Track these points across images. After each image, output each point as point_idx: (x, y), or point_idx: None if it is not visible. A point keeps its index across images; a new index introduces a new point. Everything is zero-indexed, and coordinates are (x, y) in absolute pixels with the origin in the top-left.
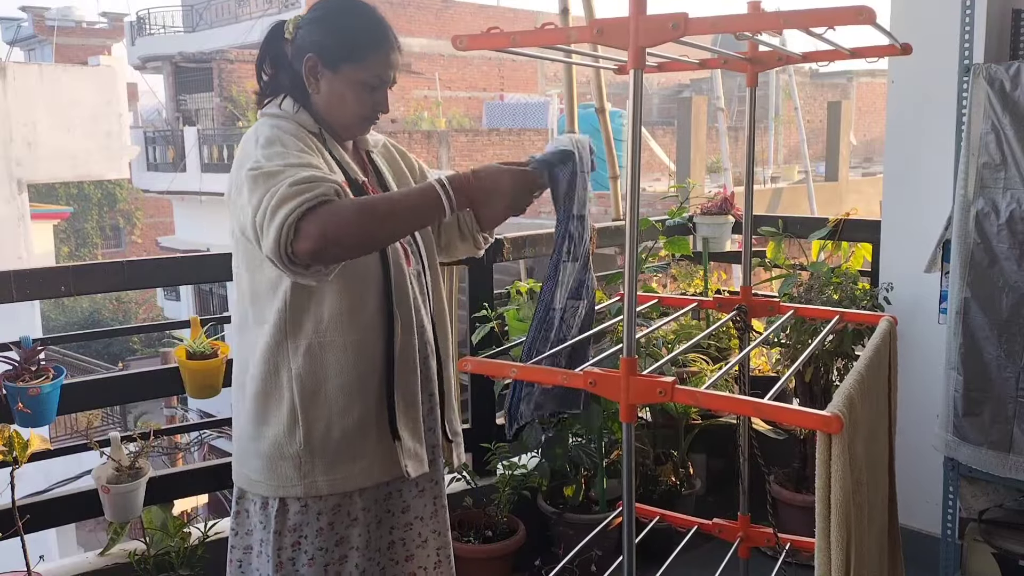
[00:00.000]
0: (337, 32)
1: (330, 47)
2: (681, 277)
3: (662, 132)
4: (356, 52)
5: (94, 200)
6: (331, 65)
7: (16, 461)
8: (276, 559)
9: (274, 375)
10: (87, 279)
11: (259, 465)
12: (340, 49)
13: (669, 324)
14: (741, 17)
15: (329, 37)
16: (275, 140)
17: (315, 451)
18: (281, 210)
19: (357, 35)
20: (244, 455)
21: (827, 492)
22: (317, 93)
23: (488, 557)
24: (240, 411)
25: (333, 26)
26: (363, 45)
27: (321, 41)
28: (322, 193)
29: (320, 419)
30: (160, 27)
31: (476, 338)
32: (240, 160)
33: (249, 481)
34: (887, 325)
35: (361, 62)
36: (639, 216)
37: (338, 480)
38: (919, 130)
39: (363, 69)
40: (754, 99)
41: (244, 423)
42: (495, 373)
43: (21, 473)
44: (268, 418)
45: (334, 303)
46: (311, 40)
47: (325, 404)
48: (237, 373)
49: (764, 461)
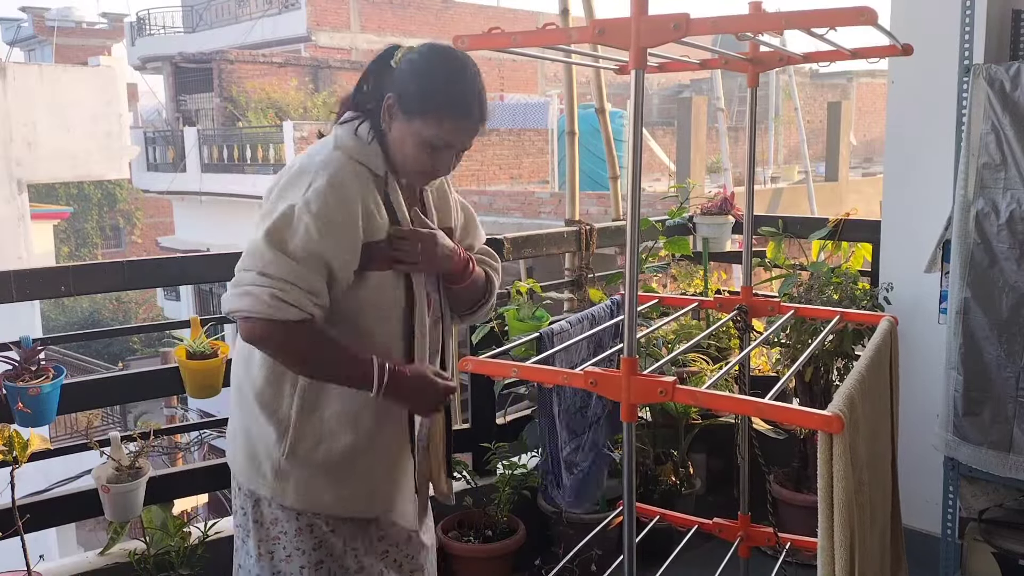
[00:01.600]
0: (423, 83)
1: (410, 94)
2: (681, 277)
3: (662, 132)
4: (430, 109)
5: (94, 200)
6: (405, 111)
7: (16, 461)
8: (257, 550)
9: (278, 382)
10: (87, 279)
11: (243, 457)
12: (417, 100)
13: (669, 324)
14: (743, 18)
15: (414, 84)
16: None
17: (294, 465)
18: (247, 300)
19: (439, 94)
20: (236, 447)
21: (829, 492)
22: (388, 132)
23: (488, 557)
24: (237, 406)
25: (423, 75)
26: (439, 105)
27: (406, 85)
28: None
29: (309, 437)
30: (160, 27)
31: (476, 338)
32: (291, 179)
33: (236, 470)
34: (888, 325)
35: (431, 120)
36: (640, 216)
37: (306, 499)
38: (919, 130)
39: (430, 127)
40: (755, 99)
41: (240, 417)
42: (495, 373)
43: (21, 473)
44: (261, 418)
45: (350, 329)
46: (400, 79)
47: (319, 425)
48: (238, 372)
49: (764, 461)
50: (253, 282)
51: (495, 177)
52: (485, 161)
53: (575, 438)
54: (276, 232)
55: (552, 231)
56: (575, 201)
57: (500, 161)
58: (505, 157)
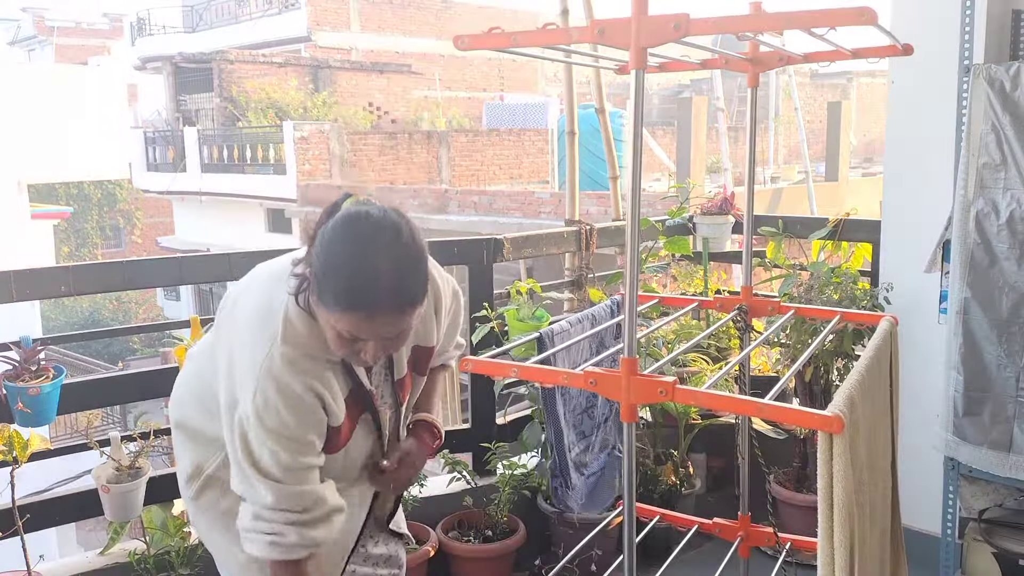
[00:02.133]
0: (325, 268)
1: (317, 279)
2: (681, 277)
3: (662, 132)
4: (329, 302)
5: (94, 200)
6: (317, 295)
7: (16, 461)
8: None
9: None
10: (87, 279)
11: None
12: (318, 289)
13: (669, 324)
14: (743, 18)
15: (319, 267)
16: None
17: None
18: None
19: (337, 284)
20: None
21: (829, 492)
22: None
23: (488, 557)
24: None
25: (326, 259)
26: (337, 299)
27: (316, 266)
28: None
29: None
30: (160, 28)
31: (476, 338)
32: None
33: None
34: (888, 325)
35: (334, 313)
36: (640, 216)
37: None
38: (919, 130)
39: (337, 320)
40: (755, 99)
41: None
42: (495, 373)
43: (21, 473)
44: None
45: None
46: (314, 257)
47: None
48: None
49: (764, 461)
50: (253, 528)
51: (495, 177)
52: (485, 161)
53: (583, 439)
54: (243, 448)
55: (552, 231)
56: (575, 201)
57: (500, 161)
58: (505, 157)
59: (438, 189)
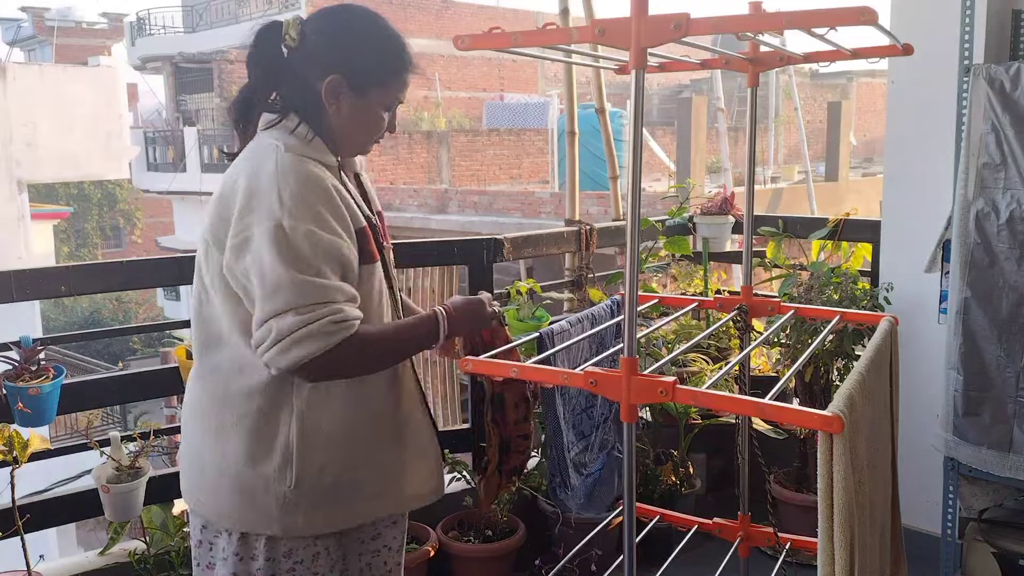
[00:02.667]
0: (367, 57)
1: (359, 71)
2: (681, 277)
3: (662, 132)
4: (386, 79)
5: (94, 200)
6: (358, 89)
7: (16, 461)
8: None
9: (271, 411)
10: (87, 279)
11: (237, 500)
12: (370, 75)
13: (669, 324)
14: (743, 17)
15: (357, 60)
16: (302, 202)
17: (303, 492)
18: (300, 348)
19: (387, 61)
20: (216, 488)
21: (829, 492)
22: (337, 115)
23: (488, 557)
24: (212, 442)
25: (361, 49)
26: (392, 69)
27: (348, 62)
28: (340, 339)
29: (315, 461)
30: (160, 27)
31: None
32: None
33: (219, 514)
34: (888, 325)
35: (388, 88)
36: (640, 216)
37: (319, 522)
38: (919, 130)
39: (387, 93)
40: (755, 99)
41: (221, 456)
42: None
43: (21, 473)
44: (257, 454)
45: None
46: (335, 59)
47: (323, 447)
48: (209, 404)
49: (764, 461)
50: (301, 323)
51: (495, 177)
52: (485, 161)
53: (582, 439)
54: (279, 252)
55: (552, 231)
56: (575, 201)
57: (500, 161)
58: (505, 157)
59: (438, 189)
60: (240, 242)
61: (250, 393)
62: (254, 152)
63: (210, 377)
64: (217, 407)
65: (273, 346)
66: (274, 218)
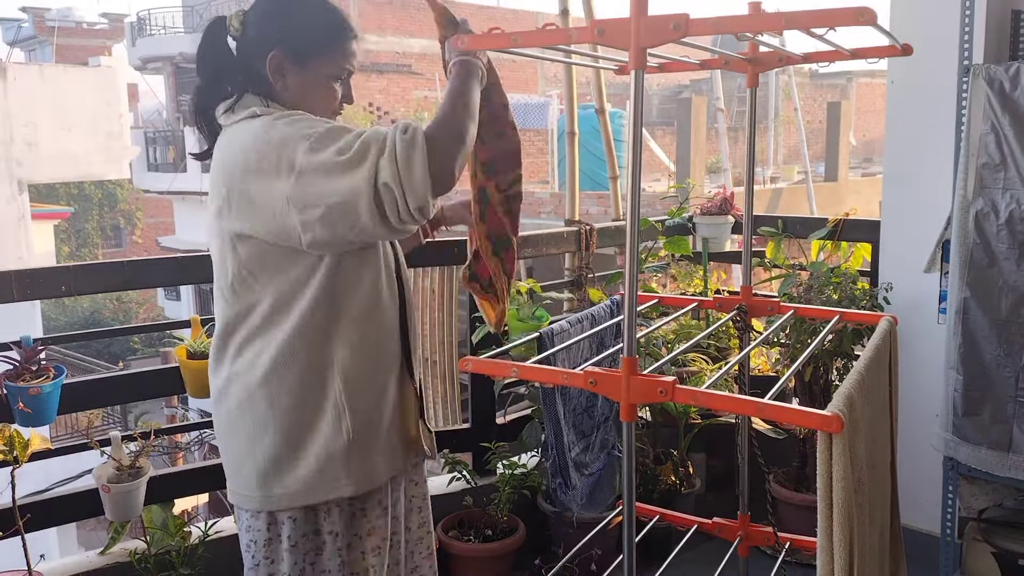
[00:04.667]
0: (301, 26)
1: (295, 42)
2: (681, 277)
3: (662, 132)
4: (325, 46)
5: (95, 200)
6: (299, 60)
7: (17, 460)
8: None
9: (317, 372)
10: (87, 279)
11: (303, 475)
12: (305, 43)
13: (669, 324)
14: (742, 18)
15: (292, 32)
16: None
17: (360, 442)
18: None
19: (322, 28)
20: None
21: (829, 491)
22: (285, 91)
23: (488, 556)
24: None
25: (296, 20)
26: (329, 37)
27: (285, 36)
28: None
29: (363, 407)
30: (160, 28)
31: (476, 338)
32: (248, 162)
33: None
34: (887, 325)
35: (329, 55)
36: (639, 216)
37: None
38: (919, 130)
39: (330, 62)
40: (755, 99)
41: (271, 441)
42: (495, 373)
43: (22, 472)
44: (311, 419)
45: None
46: (273, 35)
47: (364, 393)
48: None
49: (764, 460)
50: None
51: None
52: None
53: (583, 438)
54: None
55: (552, 231)
56: (575, 201)
57: None
58: None
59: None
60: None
61: (287, 366)
62: (224, 140)
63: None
64: (258, 393)
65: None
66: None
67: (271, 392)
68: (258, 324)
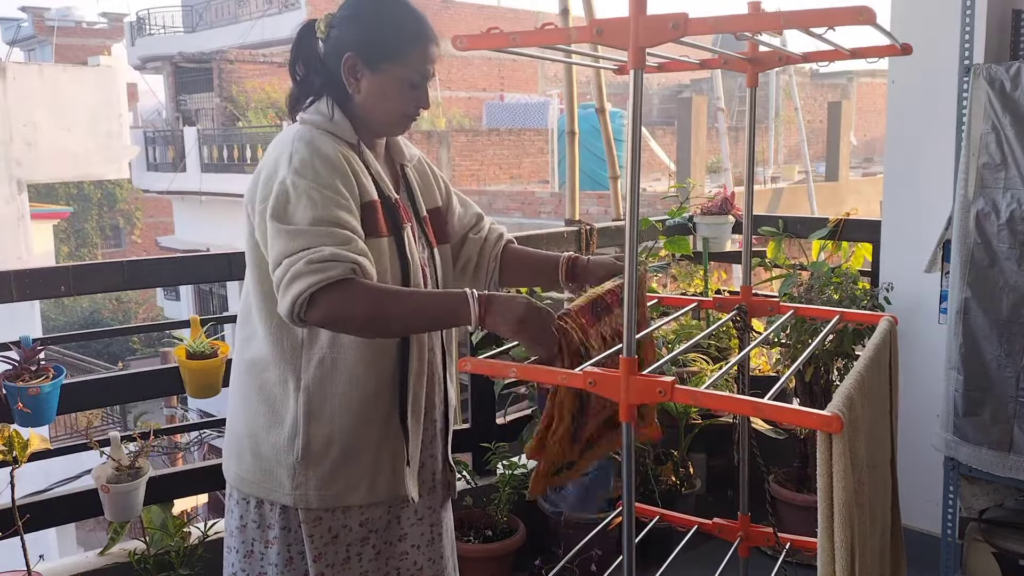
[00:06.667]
0: (375, 29)
1: (369, 45)
2: (681, 277)
3: (662, 132)
4: (397, 49)
5: (94, 200)
6: (371, 64)
7: (16, 461)
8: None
9: (282, 382)
10: (87, 279)
11: (254, 466)
12: (380, 47)
13: (669, 324)
14: (742, 17)
15: (367, 34)
16: (308, 165)
17: (311, 465)
18: (295, 284)
19: (396, 32)
20: (239, 452)
21: (829, 492)
22: (358, 93)
23: (488, 557)
24: (242, 409)
25: (371, 23)
26: (403, 42)
27: (360, 39)
28: (338, 275)
29: (321, 434)
30: (160, 27)
31: (476, 338)
32: (270, 170)
33: (239, 479)
34: (888, 325)
35: (402, 59)
36: (639, 216)
37: (329, 496)
38: (919, 130)
39: (404, 66)
40: (755, 99)
41: (244, 422)
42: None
43: (21, 473)
44: (271, 422)
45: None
46: (349, 39)
47: (328, 420)
48: (241, 371)
49: (764, 461)
50: (285, 270)
51: (495, 177)
52: (485, 161)
53: None
54: (278, 210)
55: (552, 231)
56: (575, 201)
57: (500, 161)
58: (505, 157)
59: None
60: (262, 206)
61: (266, 364)
62: (282, 133)
63: (243, 348)
64: (244, 376)
65: (279, 298)
66: (282, 178)
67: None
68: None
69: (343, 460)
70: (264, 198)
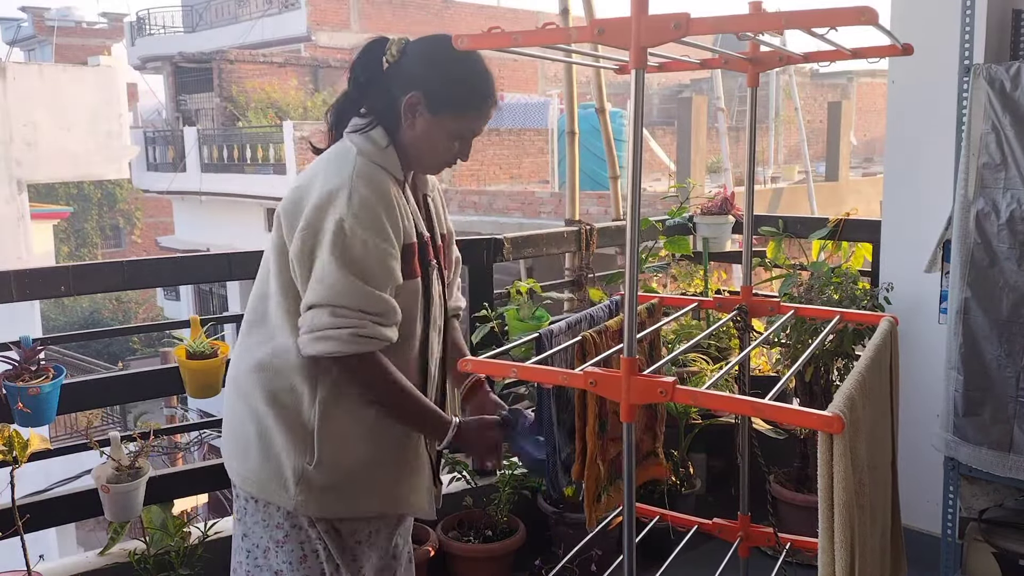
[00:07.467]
0: (450, 79)
1: (439, 91)
2: (681, 277)
3: (662, 132)
4: (464, 104)
5: (94, 200)
6: (433, 109)
7: (16, 461)
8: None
9: (299, 390)
10: (87, 279)
11: (260, 467)
12: (448, 97)
13: (669, 324)
14: (743, 17)
15: (440, 82)
16: (369, 209)
17: (314, 477)
18: (330, 343)
19: (469, 88)
20: (245, 453)
21: (830, 492)
22: (411, 130)
23: (488, 557)
24: (246, 409)
25: (448, 72)
26: (472, 99)
27: (431, 82)
28: (369, 351)
29: (331, 450)
30: (160, 27)
31: (476, 338)
32: (323, 198)
33: (244, 479)
34: (888, 325)
35: (464, 114)
36: (640, 216)
37: (329, 506)
38: (919, 130)
39: (463, 120)
40: (755, 99)
41: (253, 422)
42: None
43: (21, 473)
44: (282, 427)
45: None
46: (420, 77)
47: (339, 437)
48: (249, 371)
49: (764, 461)
50: (331, 325)
51: (495, 177)
52: (485, 161)
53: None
54: (333, 248)
55: (552, 231)
56: (575, 201)
57: (500, 161)
58: (505, 157)
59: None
60: (308, 232)
61: (281, 369)
62: (335, 153)
63: (254, 349)
64: (252, 375)
65: (306, 334)
66: (340, 217)
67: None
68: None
69: (349, 476)
70: (313, 227)
